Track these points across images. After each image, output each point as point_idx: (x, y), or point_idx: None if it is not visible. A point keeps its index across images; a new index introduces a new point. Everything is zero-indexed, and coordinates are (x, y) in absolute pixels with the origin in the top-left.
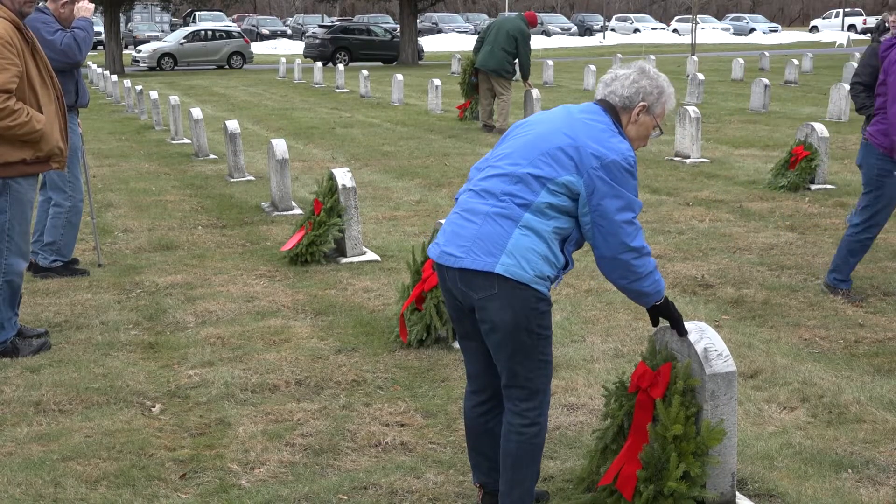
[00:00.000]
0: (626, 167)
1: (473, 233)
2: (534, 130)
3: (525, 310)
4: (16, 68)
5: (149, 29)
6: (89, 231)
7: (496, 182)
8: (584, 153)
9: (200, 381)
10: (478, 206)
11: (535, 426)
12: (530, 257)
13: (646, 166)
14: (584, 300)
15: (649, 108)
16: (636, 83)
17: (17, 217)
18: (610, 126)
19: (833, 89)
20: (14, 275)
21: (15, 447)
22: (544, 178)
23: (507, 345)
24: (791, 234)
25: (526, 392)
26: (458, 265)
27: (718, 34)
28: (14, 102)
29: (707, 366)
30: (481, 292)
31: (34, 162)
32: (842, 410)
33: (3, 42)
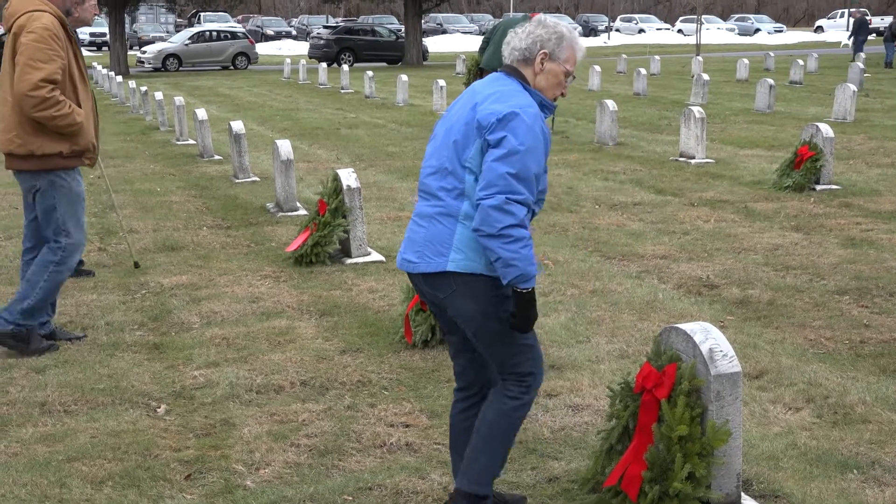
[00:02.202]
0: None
1: (423, 236)
2: (449, 119)
3: (487, 298)
4: (61, 60)
5: (153, 30)
6: (94, 232)
7: (431, 180)
8: (482, 116)
9: (205, 381)
10: (424, 209)
11: (517, 400)
12: (478, 246)
13: (650, 167)
14: (589, 301)
15: (552, 55)
16: (532, 34)
17: (69, 210)
18: (515, 87)
19: (838, 89)
20: (66, 269)
21: (20, 448)
22: (463, 160)
23: (482, 335)
24: (796, 234)
25: (515, 376)
26: (416, 270)
27: (723, 34)
28: (59, 94)
29: (712, 366)
30: (443, 292)
31: (70, 156)
32: (847, 411)
33: (51, 34)
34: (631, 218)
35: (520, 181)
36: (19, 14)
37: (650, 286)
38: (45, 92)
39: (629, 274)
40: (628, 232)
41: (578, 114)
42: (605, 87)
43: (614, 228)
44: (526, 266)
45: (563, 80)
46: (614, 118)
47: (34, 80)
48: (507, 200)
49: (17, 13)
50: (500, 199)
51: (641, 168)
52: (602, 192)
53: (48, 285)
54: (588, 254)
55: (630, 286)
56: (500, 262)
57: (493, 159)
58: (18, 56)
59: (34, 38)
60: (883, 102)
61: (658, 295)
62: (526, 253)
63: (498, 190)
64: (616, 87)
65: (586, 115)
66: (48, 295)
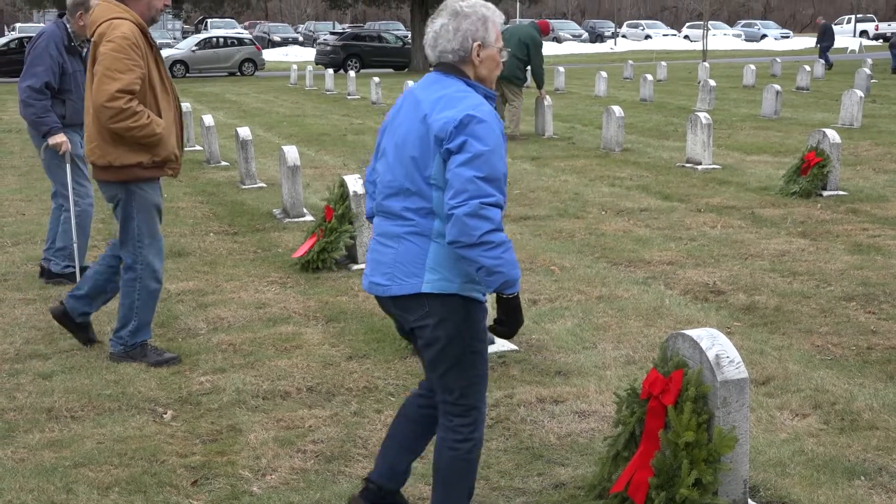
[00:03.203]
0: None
1: (392, 257)
2: (397, 132)
3: (459, 321)
4: (140, 70)
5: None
6: (101, 237)
7: (393, 201)
8: (438, 128)
9: (212, 387)
10: (390, 229)
11: (468, 442)
12: (453, 265)
13: (657, 172)
14: (596, 307)
15: (484, 43)
16: (458, 30)
17: (146, 222)
18: (458, 87)
19: (845, 95)
20: (151, 279)
21: (27, 453)
22: (425, 177)
23: (442, 360)
24: (803, 240)
25: (460, 408)
26: (388, 293)
27: (730, 40)
28: (136, 104)
29: (719, 372)
30: (414, 314)
31: (150, 166)
32: (854, 417)
33: (130, 44)
34: (637, 224)
35: (489, 183)
36: (100, 22)
37: (657, 292)
38: (122, 103)
39: (636, 280)
40: (635, 238)
41: (585, 120)
42: (611, 93)
43: (621, 234)
44: (511, 271)
45: (499, 60)
46: (621, 124)
47: (111, 91)
48: (482, 205)
49: (99, 21)
50: (473, 206)
51: (648, 174)
52: (608, 197)
53: (143, 300)
54: (594, 260)
55: (636, 292)
56: (484, 270)
57: (457, 165)
58: (97, 66)
59: (112, 47)
60: (890, 108)
61: (664, 301)
62: (509, 257)
63: (469, 196)
64: (622, 93)
65: (592, 121)
66: (148, 308)
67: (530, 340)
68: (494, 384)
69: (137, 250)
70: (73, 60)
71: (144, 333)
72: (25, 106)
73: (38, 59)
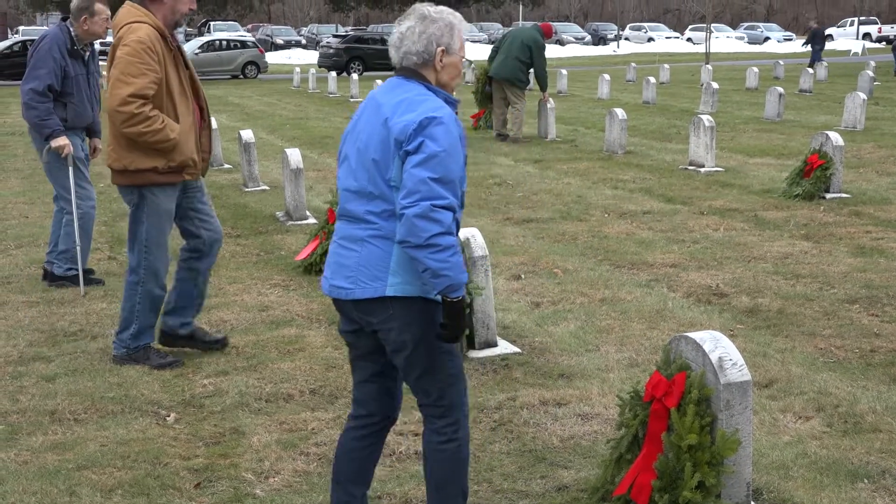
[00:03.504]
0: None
1: (355, 261)
2: (358, 137)
3: (423, 324)
4: (154, 74)
5: None
6: (104, 240)
7: (355, 205)
8: (398, 131)
9: (215, 390)
10: (353, 232)
11: (453, 442)
12: (414, 268)
13: (660, 175)
14: (599, 309)
15: (448, 49)
16: (424, 33)
17: (155, 227)
18: (419, 91)
19: (848, 98)
20: (154, 285)
21: (30, 456)
22: (386, 180)
23: (413, 364)
24: (806, 243)
25: (440, 409)
26: (351, 297)
27: (733, 43)
28: (150, 109)
29: (722, 375)
30: (378, 317)
31: (166, 171)
32: (857, 420)
33: (145, 48)
34: (640, 226)
35: (443, 185)
36: (121, 25)
37: (660, 295)
38: (134, 108)
39: (639, 282)
40: (638, 240)
41: (587, 122)
42: (614, 95)
43: (624, 237)
44: (457, 275)
45: (461, 69)
46: (623, 127)
47: (123, 95)
48: (433, 208)
49: (120, 24)
50: (424, 207)
51: (651, 176)
52: (611, 200)
53: (144, 305)
54: (597, 262)
55: (639, 295)
56: (429, 272)
57: (412, 165)
58: (112, 69)
59: (127, 51)
60: (893, 111)
61: (667, 303)
62: (455, 261)
63: (421, 196)
64: (625, 96)
65: (595, 123)
66: (149, 313)
67: (533, 343)
68: (497, 386)
69: (143, 255)
70: (76, 64)
71: (147, 337)
72: (28, 108)
73: (40, 61)
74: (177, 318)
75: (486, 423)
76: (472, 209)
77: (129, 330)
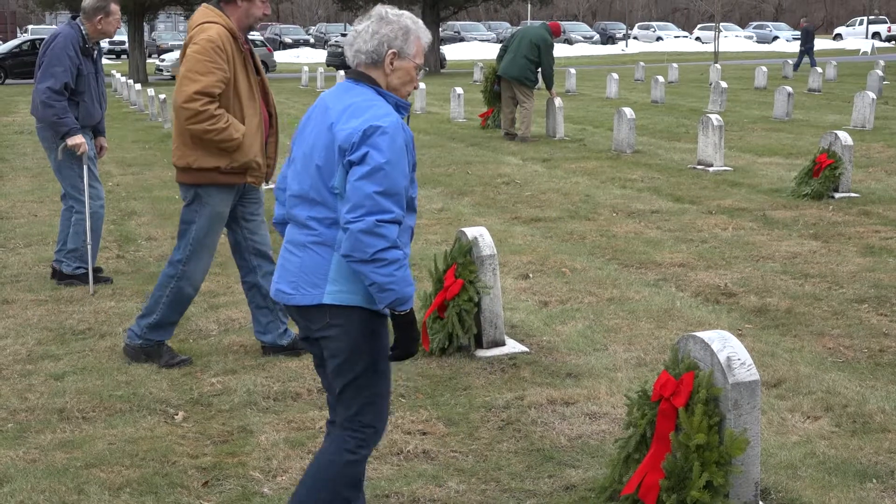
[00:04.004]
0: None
1: (297, 266)
2: (306, 140)
3: (360, 334)
4: (222, 73)
5: (172, 38)
6: (112, 239)
7: (299, 210)
8: (342, 138)
9: (223, 388)
10: (297, 237)
11: (351, 454)
12: (356, 277)
13: (668, 174)
14: (607, 309)
15: (401, 53)
16: (377, 34)
17: (205, 228)
18: (367, 96)
19: (857, 97)
20: (188, 284)
21: (39, 454)
22: (330, 188)
23: (342, 373)
24: (815, 242)
25: (355, 424)
26: (292, 302)
27: (741, 42)
28: (215, 108)
29: (730, 375)
30: (316, 324)
31: (229, 172)
32: (866, 420)
33: (214, 47)
34: (649, 226)
35: (388, 198)
36: (194, 25)
37: (668, 294)
38: (199, 105)
39: (647, 282)
40: (646, 240)
41: (596, 121)
42: (622, 94)
43: (632, 236)
44: (403, 289)
45: (414, 76)
46: (632, 126)
47: (189, 93)
48: (378, 223)
49: (193, 24)
50: (369, 223)
51: (659, 176)
52: (620, 199)
53: (171, 300)
54: (605, 262)
55: (648, 294)
56: (376, 286)
57: (357, 178)
58: (181, 67)
59: (196, 49)
60: None
61: (676, 303)
62: (402, 275)
63: (366, 211)
64: (634, 95)
65: (604, 122)
66: (174, 309)
67: (541, 342)
68: (505, 386)
69: (186, 253)
70: (87, 62)
71: (165, 333)
72: (45, 107)
73: (56, 60)
74: (271, 334)
75: (494, 423)
76: (481, 208)
77: (149, 318)
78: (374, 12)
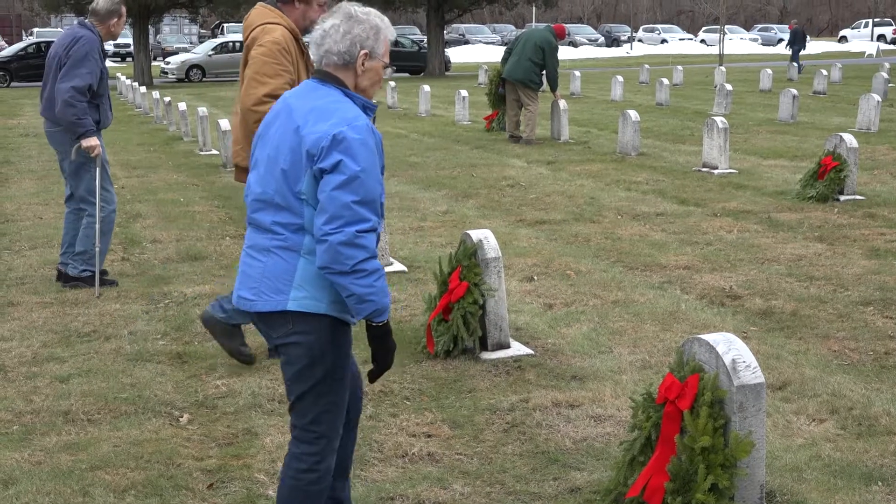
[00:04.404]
0: (354, 136)
1: (259, 271)
2: (270, 143)
3: (324, 343)
4: (289, 75)
5: (177, 41)
6: (117, 241)
7: (263, 214)
8: (310, 143)
9: (228, 391)
10: (260, 242)
11: (312, 473)
12: (321, 283)
13: (674, 177)
14: (612, 311)
15: (372, 53)
16: (348, 34)
17: None
18: (334, 97)
19: (862, 99)
20: None
21: (44, 456)
22: (296, 193)
23: (301, 381)
24: (820, 245)
25: (310, 435)
26: (253, 309)
27: (746, 44)
28: None
29: (735, 377)
30: (278, 331)
31: None
32: (872, 423)
33: (280, 48)
34: (653, 228)
35: (365, 206)
36: (255, 26)
37: (673, 297)
38: (268, 108)
39: (652, 284)
40: (651, 242)
41: (601, 124)
42: (627, 97)
43: (637, 239)
44: (382, 299)
45: (382, 76)
46: (637, 128)
47: (258, 95)
48: (357, 234)
49: (253, 25)
50: (349, 234)
51: (664, 178)
52: (624, 202)
53: None
54: (610, 264)
55: (652, 297)
56: (355, 298)
57: (332, 188)
58: (247, 69)
59: (263, 51)
60: None
61: (681, 305)
62: (381, 285)
63: (345, 222)
64: (638, 98)
65: (608, 125)
66: None
67: (546, 344)
68: (510, 388)
69: None
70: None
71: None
72: (67, 106)
73: (81, 61)
74: None
75: (499, 425)
76: (485, 210)
77: None
78: (341, 10)
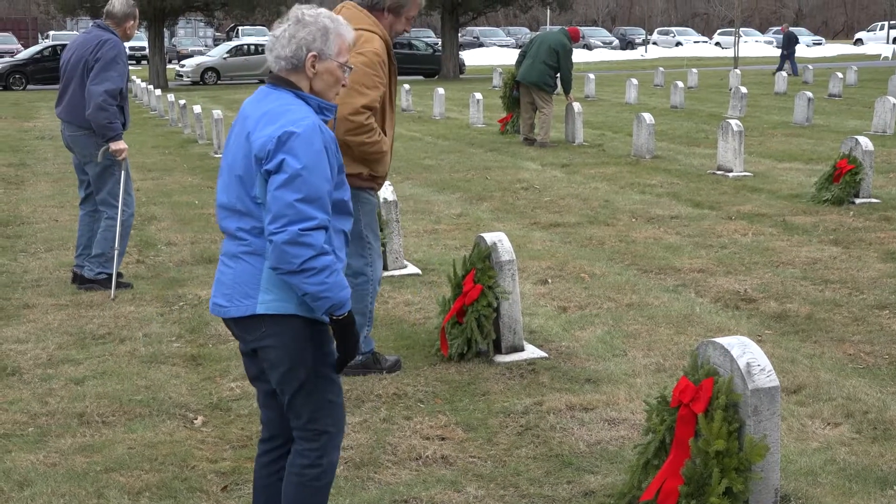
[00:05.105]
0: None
1: (231, 277)
2: (230, 151)
3: (298, 342)
4: (383, 87)
5: (192, 44)
6: (133, 244)
7: (228, 221)
8: (258, 147)
9: (242, 393)
10: (229, 248)
11: (315, 468)
12: (287, 285)
13: (688, 180)
14: (626, 314)
15: (321, 55)
16: (294, 37)
17: (370, 225)
18: (284, 100)
19: (878, 102)
20: (376, 281)
21: (59, 458)
22: (253, 198)
23: (287, 383)
24: (835, 248)
25: (309, 433)
26: (227, 315)
27: (761, 47)
28: (374, 121)
29: (750, 381)
30: (251, 335)
31: (367, 179)
32: (887, 426)
33: (380, 61)
34: (668, 231)
35: (310, 205)
36: None
37: (687, 300)
38: (364, 118)
39: (666, 287)
40: (665, 245)
41: (615, 127)
42: (642, 100)
43: (651, 242)
44: (337, 294)
45: (340, 76)
46: (651, 131)
47: (356, 105)
48: (301, 232)
49: None
50: (292, 233)
51: (679, 181)
52: (639, 205)
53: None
54: (625, 267)
55: (667, 300)
56: (309, 296)
57: (275, 187)
58: None
59: (365, 61)
60: None
61: (695, 309)
62: (334, 281)
63: (288, 221)
64: (653, 101)
65: (623, 128)
66: (370, 311)
67: (560, 347)
68: (524, 391)
69: (367, 252)
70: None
71: (371, 341)
72: (100, 110)
73: (111, 64)
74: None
75: (513, 428)
76: (500, 213)
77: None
78: (290, 14)
